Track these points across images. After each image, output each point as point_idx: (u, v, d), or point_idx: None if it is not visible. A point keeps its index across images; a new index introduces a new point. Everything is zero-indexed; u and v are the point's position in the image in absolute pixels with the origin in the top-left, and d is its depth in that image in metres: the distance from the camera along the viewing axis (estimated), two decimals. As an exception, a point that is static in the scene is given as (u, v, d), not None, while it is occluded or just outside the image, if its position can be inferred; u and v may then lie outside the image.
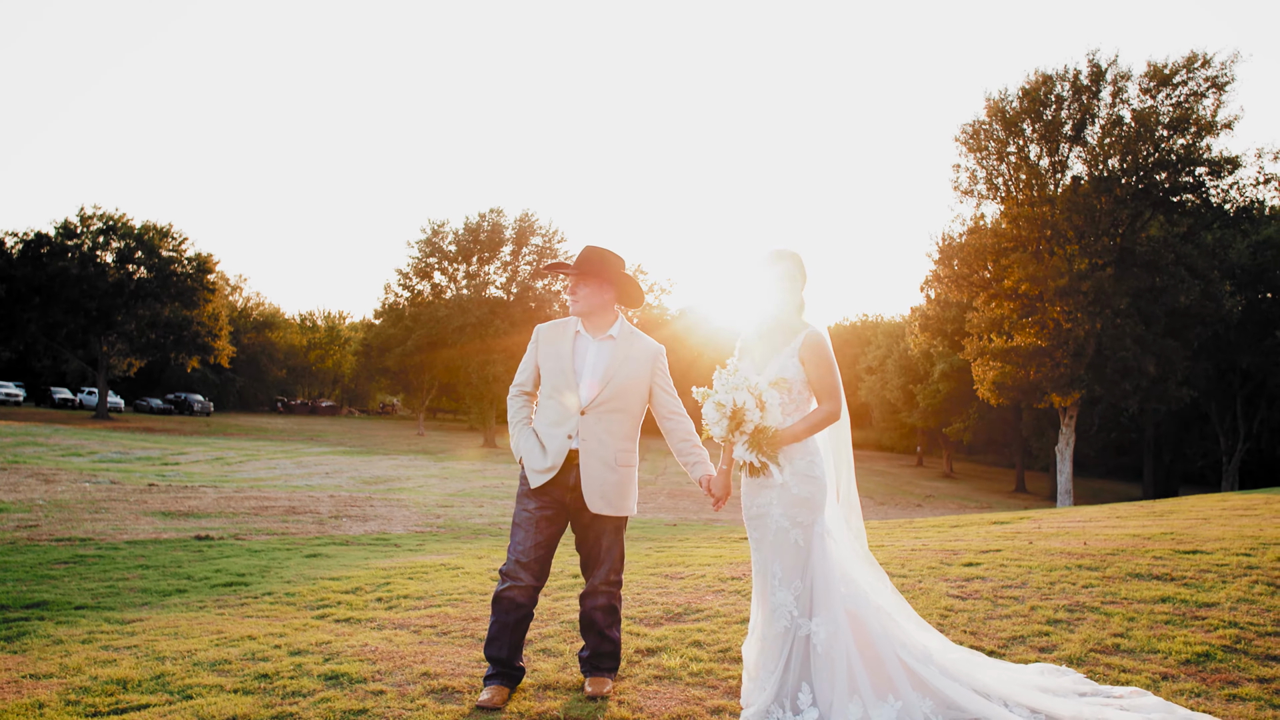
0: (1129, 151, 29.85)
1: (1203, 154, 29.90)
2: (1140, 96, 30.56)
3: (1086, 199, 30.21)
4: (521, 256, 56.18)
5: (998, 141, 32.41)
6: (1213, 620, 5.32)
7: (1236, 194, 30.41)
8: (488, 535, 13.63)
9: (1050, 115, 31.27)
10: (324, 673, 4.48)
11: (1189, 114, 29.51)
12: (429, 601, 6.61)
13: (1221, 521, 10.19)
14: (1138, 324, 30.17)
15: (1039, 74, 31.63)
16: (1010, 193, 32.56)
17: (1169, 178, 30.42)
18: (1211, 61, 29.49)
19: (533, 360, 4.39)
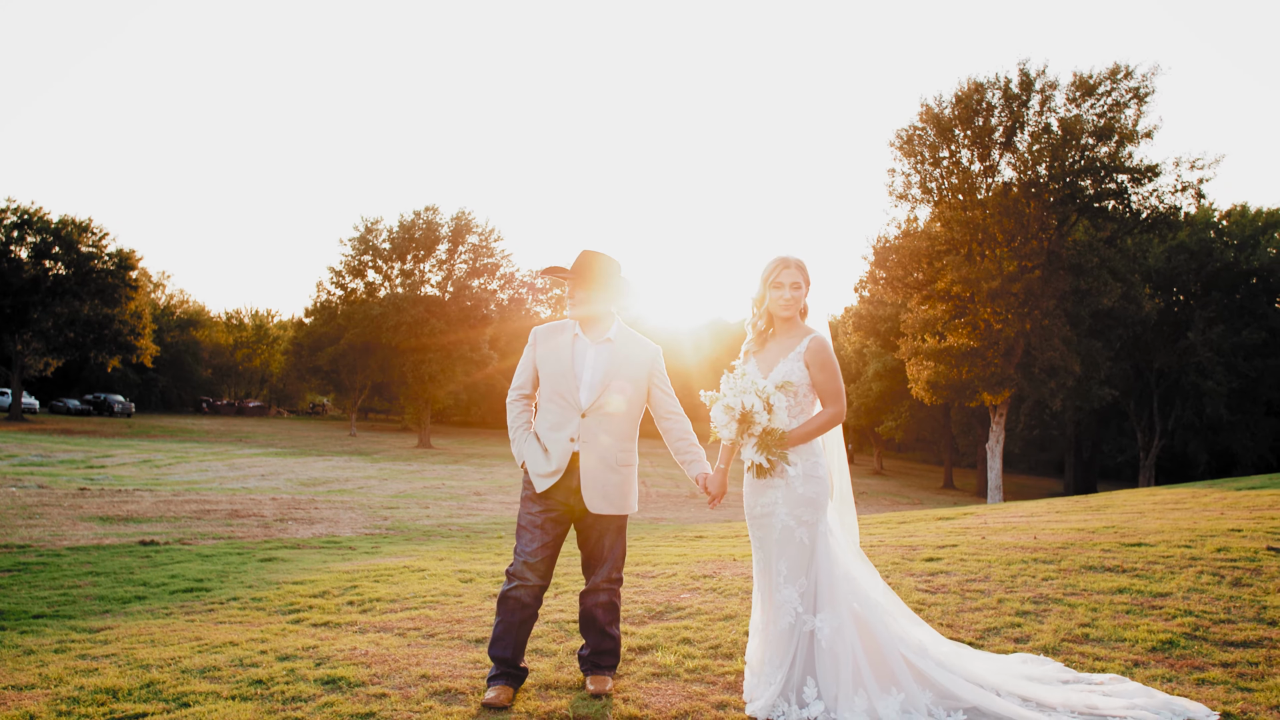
0: (1056, 158, 30.93)
1: (1125, 162, 31.17)
2: (1067, 105, 31.70)
3: (1016, 203, 31.25)
4: (457, 255, 55.63)
5: (932, 147, 33.28)
6: (1169, 609, 5.60)
7: (1156, 200, 31.76)
8: (440, 537, 13.54)
9: (982, 122, 32.24)
10: (319, 677, 4.45)
11: (1113, 123, 30.72)
12: (404, 604, 6.58)
13: (1156, 515, 10.67)
14: (1064, 325, 31.31)
15: (971, 82, 32.57)
16: (943, 197, 33.47)
17: (1094, 184, 31.62)
18: (1133, 73, 30.77)
19: (530, 363, 4.42)
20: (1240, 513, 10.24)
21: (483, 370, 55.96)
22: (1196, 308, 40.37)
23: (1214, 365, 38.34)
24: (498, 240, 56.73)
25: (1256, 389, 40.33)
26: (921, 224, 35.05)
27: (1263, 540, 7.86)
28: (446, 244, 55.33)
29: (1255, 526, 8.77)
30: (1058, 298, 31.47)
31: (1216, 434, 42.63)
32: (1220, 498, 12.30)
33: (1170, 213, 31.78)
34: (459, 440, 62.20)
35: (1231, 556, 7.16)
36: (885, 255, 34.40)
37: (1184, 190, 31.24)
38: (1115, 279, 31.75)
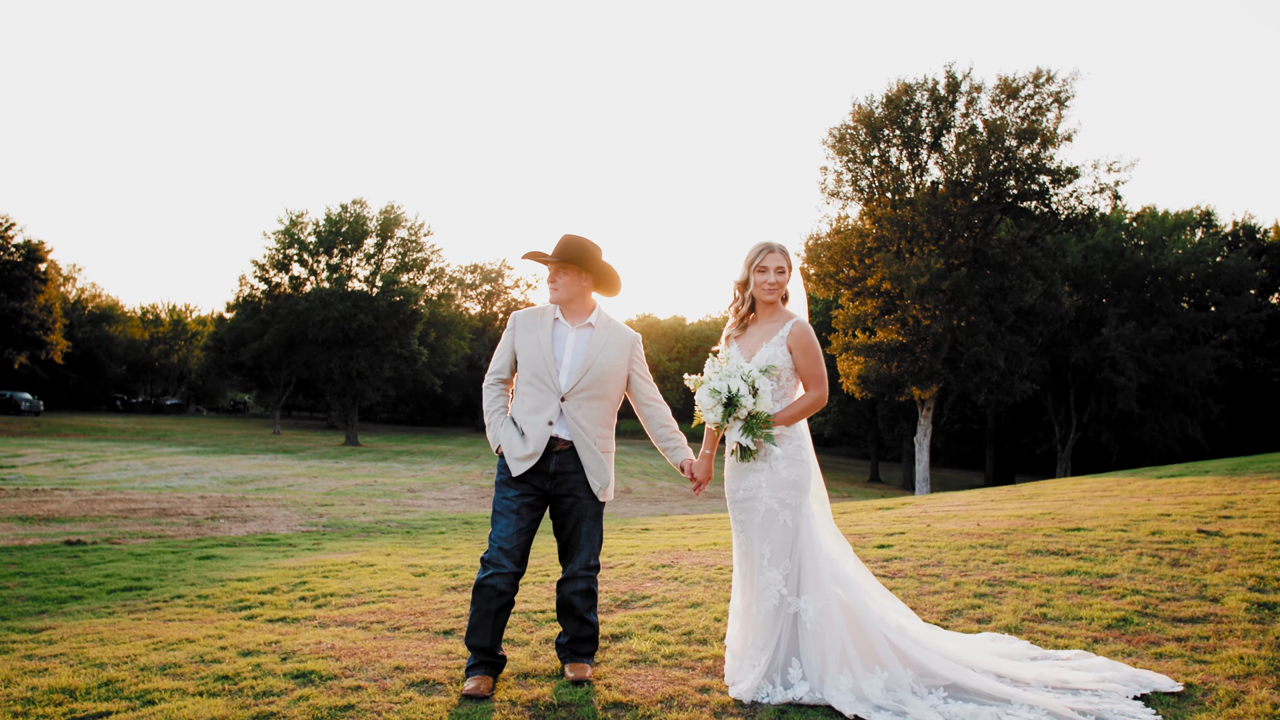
0: (981, 159, 31.84)
1: (1047, 163, 32.24)
2: (991, 108, 32.64)
3: (944, 203, 32.06)
4: (386, 250, 54.66)
5: (863, 146, 33.93)
6: (1117, 589, 5.81)
7: (1075, 202, 32.92)
8: (380, 533, 13.31)
9: (910, 122, 32.99)
10: (288, 671, 4.33)
11: (1035, 126, 31.74)
12: (360, 599, 6.45)
13: (1087, 502, 11.04)
14: (989, 321, 32.25)
15: (900, 83, 33.30)
16: (874, 195, 34.16)
17: (1017, 184, 32.62)
18: (1055, 78, 31.84)
19: (509, 347, 4.37)
20: (1165, 499, 10.67)
21: (412, 367, 55.15)
22: (1110, 305, 41.97)
23: (1126, 361, 39.89)
24: (428, 235, 55.94)
25: (1164, 383, 42.07)
26: (853, 221, 35.68)
27: (1192, 524, 8.20)
28: (375, 238, 54.32)
29: (1182, 511, 9.14)
30: (983, 295, 32.39)
31: (1127, 426, 44.37)
32: (1144, 485, 12.80)
33: (1089, 213, 32.98)
34: (387, 438, 61.21)
35: (1166, 539, 7.45)
36: (817, 252, 34.94)
37: (1102, 192, 32.48)
38: (1037, 277, 32.83)
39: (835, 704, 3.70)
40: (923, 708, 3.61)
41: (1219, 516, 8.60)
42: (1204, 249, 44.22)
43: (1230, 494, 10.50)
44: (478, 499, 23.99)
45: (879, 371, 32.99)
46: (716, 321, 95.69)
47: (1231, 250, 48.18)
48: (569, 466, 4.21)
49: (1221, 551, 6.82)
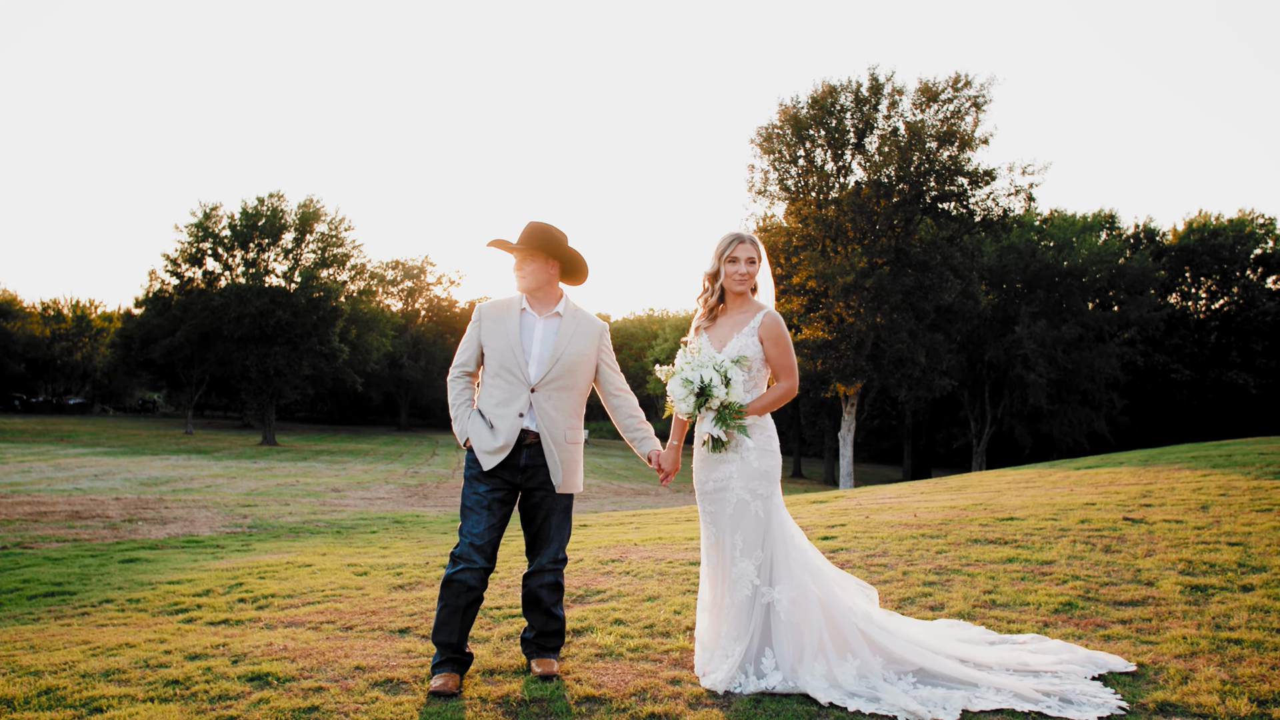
0: (904, 160, 32.61)
1: (965, 166, 33.19)
2: (913, 110, 33.45)
3: (867, 202, 32.75)
4: (306, 244, 53.26)
5: (789, 145, 34.42)
6: (1058, 575, 5.99)
7: (992, 203, 33.99)
8: (310, 534, 12.99)
9: (835, 123, 33.59)
10: (242, 674, 4.18)
11: (954, 129, 32.65)
12: (304, 599, 6.27)
13: (1014, 493, 11.39)
14: (911, 319, 33.06)
15: (826, 84, 33.88)
16: (800, 194, 34.68)
17: (937, 185, 33.51)
18: (972, 83, 32.80)
19: (475, 339, 4.28)
20: (1086, 489, 11.06)
21: (333, 364, 53.92)
22: (1023, 304, 43.42)
23: (1037, 358, 41.31)
24: (348, 230, 54.67)
25: (1073, 380, 43.70)
26: (779, 220, 36.16)
27: (1116, 512, 8.53)
28: (294, 232, 52.88)
29: (1106, 500, 9.50)
30: (904, 293, 33.18)
31: (1038, 421, 45.97)
32: (1065, 476, 13.25)
33: (1004, 214, 34.06)
34: (306, 437, 59.73)
35: (1095, 527, 7.73)
36: (742, 250, 35.24)
37: (1017, 194, 33.58)
38: (956, 276, 33.78)
39: (811, 691, 3.73)
40: (895, 693, 3.67)
41: (1140, 505, 8.95)
42: (1109, 250, 46.07)
43: (1146, 484, 10.94)
44: (404, 498, 23.58)
45: (805, 368, 33.50)
46: (641, 319, 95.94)
47: (1134, 252, 50.31)
48: (539, 459, 4.15)
49: (1149, 538, 7.11)
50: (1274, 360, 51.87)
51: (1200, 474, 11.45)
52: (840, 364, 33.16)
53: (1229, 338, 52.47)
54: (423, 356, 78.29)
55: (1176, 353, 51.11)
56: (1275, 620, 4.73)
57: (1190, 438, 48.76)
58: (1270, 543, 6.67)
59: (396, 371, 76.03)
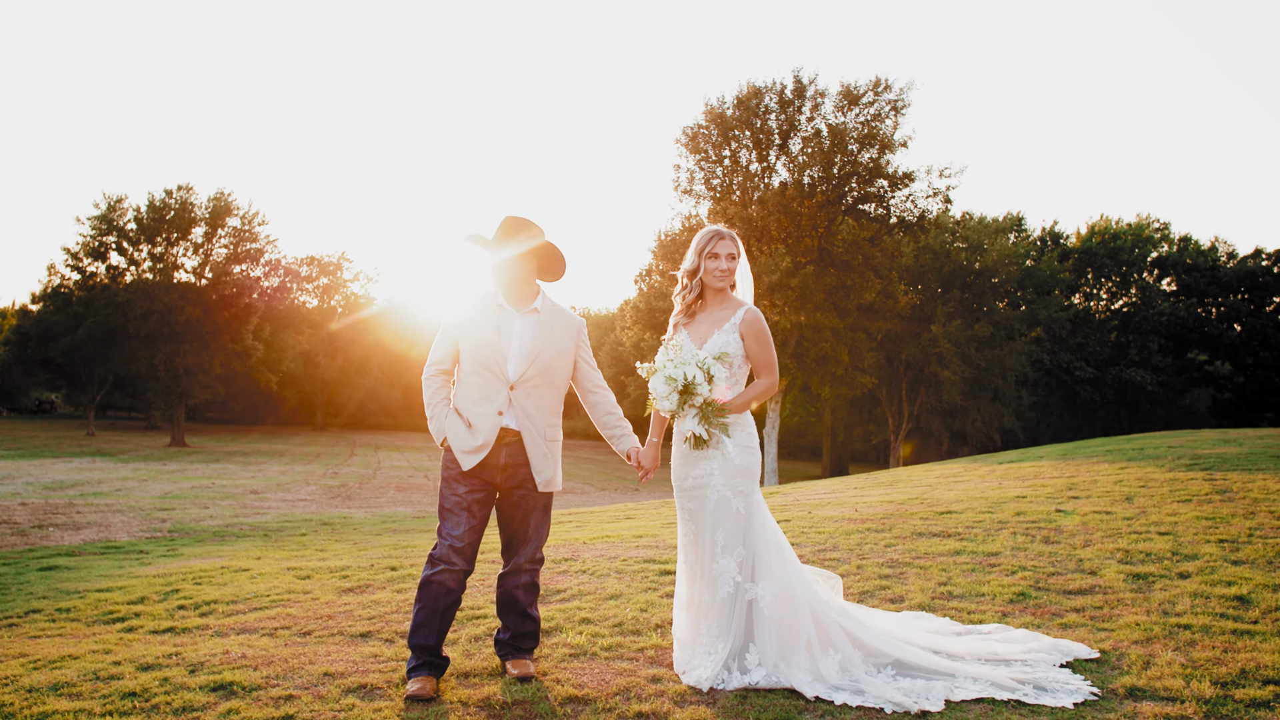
0: (826, 162, 33.22)
1: (885, 168, 33.98)
2: (835, 113, 34.11)
3: (792, 203, 33.25)
4: (217, 239, 51.52)
5: (715, 145, 34.72)
6: (1006, 566, 6.17)
7: (911, 205, 34.91)
8: (236, 537, 12.58)
9: (760, 124, 34.02)
10: (203, 684, 4.01)
11: (874, 132, 33.39)
12: (250, 605, 6.06)
13: (945, 487, 11.70)
14: (834, 317, 33.69)
15: (751, 85, 34.28)
16: (726, 193, 35.01)
17: (859, 187, 34.25)
18: (892, 87, 33.60)
19: (451, 336, 4.18)
20: (1014, 482, 11.43)
21: (246, 362, 52.31)
22: (939, 303, 44.68)
23: (951, 356, 42.58)
24: (262, 224, 53.05)
25: (986, 377, 45.15)
26: (709, 219, 36.43)
27: (1048, 504, 8.83)
28: (204, 226, 51.07)
29: (1035, 493, 9.82)
30: (827, 292, 33.79)
31: (953, 417, 47.39)
32: (990, 470, 13.66)
33: (923, 216, 35.00)
34: (217, 438, 57.81)
35: (1031, 519, 7.99)
36: (670, 249, 35.45)
37: (935, 196, 34.54)
38: (877, 276, 34.55)
39: (796, 686, 3.75)
40: (879, 685, 3.72)
41: (1068, 497, 9.28)
42: (1018, 253, 47.75)
43: (1069, 477, 11.34)
44: (328, 500, 23.04)
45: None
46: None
47: (1041, 254, 52.26)
48: (519, 458, 4.08)
49: (1084, 529, 7.37)
50: (1169, 358, 54.51)
51: (1118, 467, 11.93)
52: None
53: (1128, 336, 54.89)
54: (339, 355, 76.55)
55: (1080, 351, 53.23)
56: (1216, 605, 4.95)
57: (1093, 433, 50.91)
58: (1197, 532, 6.99)
59: (312, 370, 74.20)
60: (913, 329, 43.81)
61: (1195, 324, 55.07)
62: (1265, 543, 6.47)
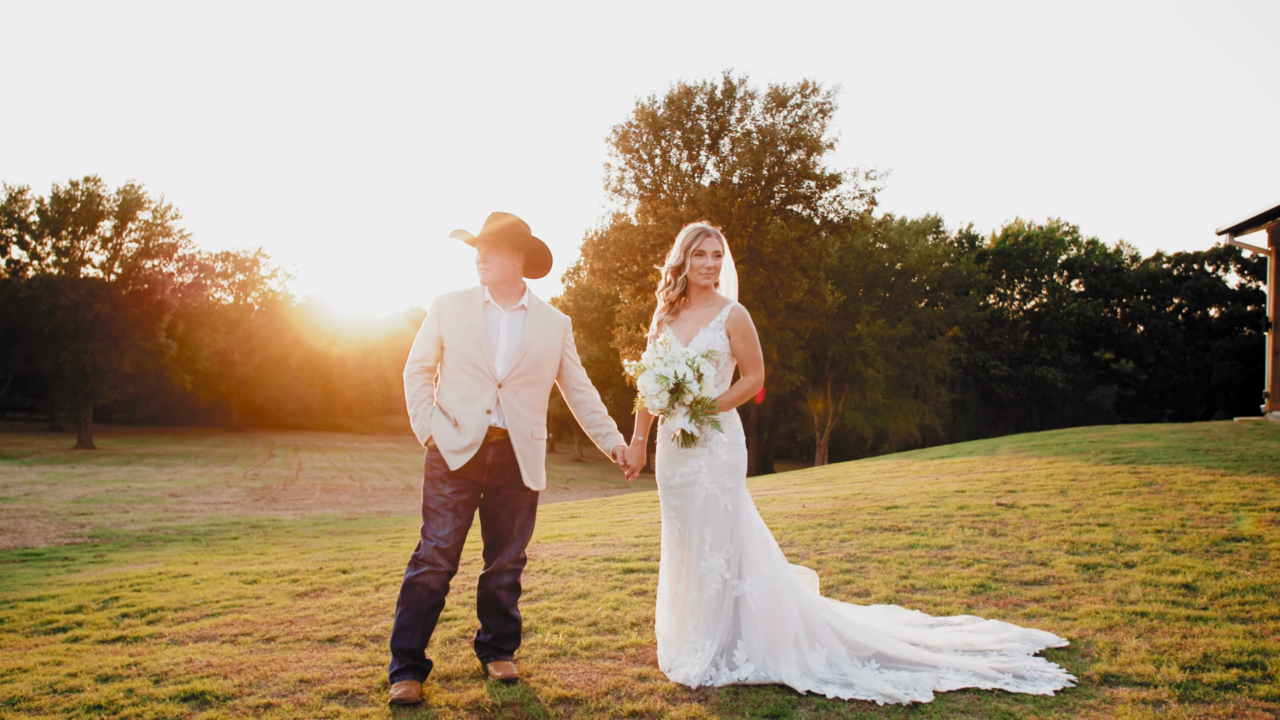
0: (756, 162, 33.64)
1: (813, 169, 34.56)
2: (764, 114, 34.57)
3: (722, 202, 33.58)
4: (127, 233, 49.57)
5: (645, 144, 34.85)
6: (960, 559, 6.33)
7: (838, 206, 35.59)
8: (164, 542, 12.15)
9: (691, 124, 34.28)
10: (173, 694, 3.85)
11: (803, 133, 33.94)
12: (201, 611, 5.85)
13: (884, 483, 11.94)
14: (764, 316, 34.13)
15: (682, 86, 34.53)
16: (656, 192, 35.16)
17: (788, 188, 34.76)
18: (820, 90, 34.24)
19: (435, 333, 4.09)
20: (949, 477, 11.74)
21: (159, 361, 50.46)
22: (863, 303, 45.65)
23: (875, 354, 43.55)
24: (175, 218, 51.25)
25: (907, 375, 46.31)
26: (636, 217, 36.55)
27: (987, 498, 9.09)
28: (113, 220, 49.09)
29: (972, 488, 10.10)
30: (756, 291, 34.23)
31: (875, 415, 48.45)
32: (924, 465, 14.01)
33: (849, 217, 35.70)
34: (126, 440, 55.63)
35: (976, 513, 8.21)
36: (599, 247, 35.47)
37: (861, 198, 35.30)
38: (804, 276, 35.17)
39: (786, 681, 3.78)
40: (866, 677, 3.77)
41: (1006, 491, 9.57)
42: (936, 254, 49.08)
43: (1001, 471, 11.70)
44: (252, 502, 22.40)
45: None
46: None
47: (959, 256, 53.82)
48: (506, 457, 4.02)
49: (1027, 521, 7.61)
50: (1078, 356, 56.72)
51: (1046, 461, 12.34)
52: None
53: (1039, 335, 56.92)
54: (256, 353, 74.44)
55: (995, 349, 54.97)
56: (1166, 593, 5.16)
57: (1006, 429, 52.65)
58: (1134, 523, 7.28)
59: (227, 369, 71.96)
60: (838, 328, 44.66)
61: (1102, 324, 57.40)
62: (1199, 532, 6.77)
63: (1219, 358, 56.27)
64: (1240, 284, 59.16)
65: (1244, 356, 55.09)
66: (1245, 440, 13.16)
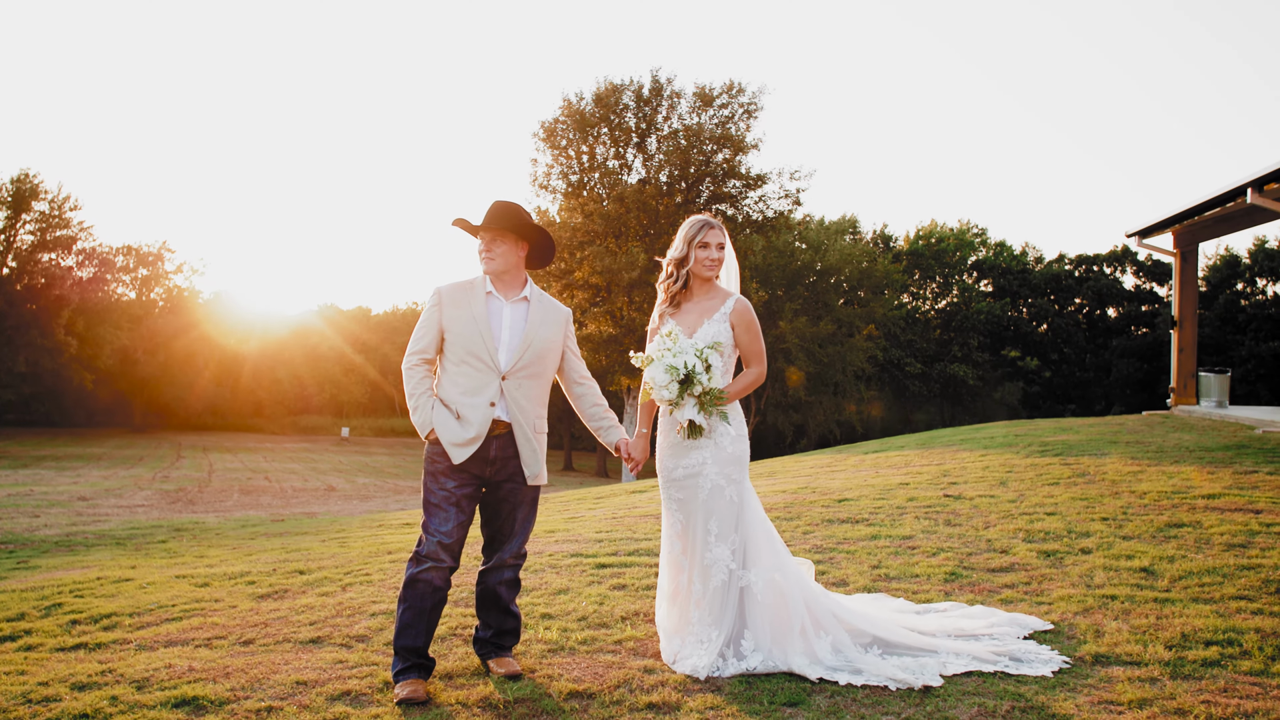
0: (683, 161, 33.86)
1: (739, 169, 34.99)
2: (691, 114, 34.85)
3: (650, 200, 33.69)
4: (21, 224, 47.20)
5: (572, 141, 34.74)
6: (926, 548, 6.48)
7: (764, 206, 36.11)
8: (85, 546, 11.61)
9: (618, 121, 34.31)
10: (161, 700, 3.69)
11: (729, 133, 34.32)
12: (159, 615, 5.61)
13: (826, 476, 12.15)
14: (690, 314, 34.32)
15: (609, 83, 34.56)
16: (584, 189, 35.10)
17: (714, 186, 35.10)
18: (745, 91, 34.67)
19: (435, 324, 4.00)
20: (889, 470, 12.02)
21: (57, 360, 48.19)
22: (785, 301, 46.41)
23: (798, 352, 44.34)
24: (74, 209, 49.10)
25: (827, 373, 47.30)
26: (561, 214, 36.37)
27: (932, 490, 9.34)
28: (6, 210, 46.72)
29: (915, 480, 10.35)
30: (683, 289, 34.42)
31: (796, 411, 49.35)
32: (860, 460, 14.30)
33: (774, 216, 36.24)
34: (20, 442, 52.84)
35: (926, 504, 8.42)
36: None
37: (786, 198, 35.87)
38: (731, 274, 35.54)
39: (796, 669, 3.82)
40: (873, 663, 3.84)
41: (949, 483, 9.84)
42: (854, 254, 50.23)
43: (938, 464, 12.02)
44: (168, 505, 21.59)
45: (589, 362, 34.02)
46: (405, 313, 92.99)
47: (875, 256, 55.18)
48: (509, 450, 3.96)
49: (978, 512, 7.84)
50: (987, 354, 58.76)
51: (978, 454, 12.74)
52: (624, 358, 33.94)
53: (950, 334, 58.78)
54: (161, 351, 71.58)
55: (910, 347, 56.55)
56: (1128, 577, 5.38)
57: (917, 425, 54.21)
58: (1078, 511, 7.56)
59: (130, 368, 69.05)
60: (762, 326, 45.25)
61: (1009, 323, 59.59)
62: (1141, 519, 7.09)
63: (1117, 355, 58.95)
64: (1136, 285, 62.14)
65: (1140, 354, 57.88)
66: (1159, 433, 13.83)
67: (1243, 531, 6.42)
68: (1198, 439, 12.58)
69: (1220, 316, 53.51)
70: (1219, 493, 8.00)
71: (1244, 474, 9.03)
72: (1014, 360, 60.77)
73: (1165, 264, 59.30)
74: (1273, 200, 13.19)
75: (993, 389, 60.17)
